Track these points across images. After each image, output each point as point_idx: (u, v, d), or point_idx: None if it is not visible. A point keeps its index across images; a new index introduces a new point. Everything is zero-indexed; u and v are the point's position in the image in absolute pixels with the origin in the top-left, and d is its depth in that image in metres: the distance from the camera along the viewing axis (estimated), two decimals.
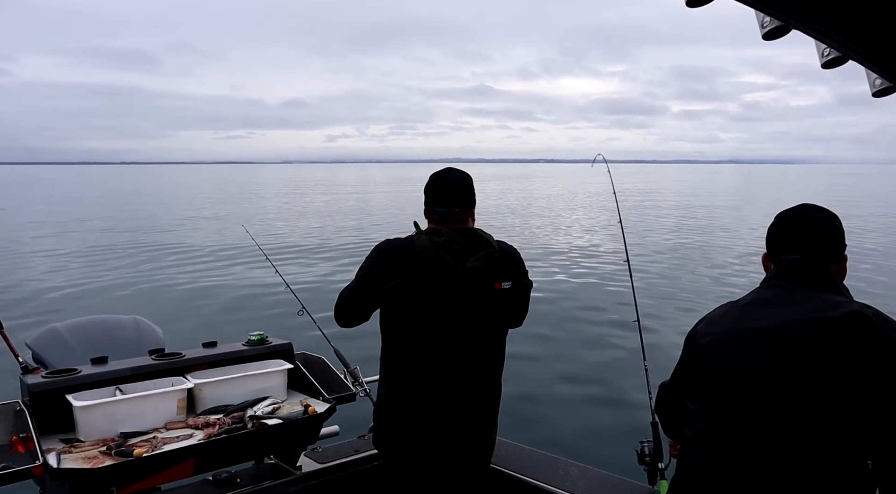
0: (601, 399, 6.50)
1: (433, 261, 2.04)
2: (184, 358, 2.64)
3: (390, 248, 2.11)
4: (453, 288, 2.06)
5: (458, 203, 2.16)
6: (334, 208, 33.00)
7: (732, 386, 1.55)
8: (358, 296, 2.14)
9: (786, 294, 1.59)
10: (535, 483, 2.64)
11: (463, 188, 2.18)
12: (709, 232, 21.71)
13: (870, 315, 1.45)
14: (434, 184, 2.19)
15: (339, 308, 2.21)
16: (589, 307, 10.50)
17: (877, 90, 1.30)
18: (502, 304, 2.16)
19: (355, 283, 2.15)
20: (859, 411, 1.43)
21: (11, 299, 11.53)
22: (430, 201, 2.18)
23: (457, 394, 2.11)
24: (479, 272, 2.08)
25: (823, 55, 1.23)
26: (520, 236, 19.86)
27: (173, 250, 18.26)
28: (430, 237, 2.08)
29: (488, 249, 2.12)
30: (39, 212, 32.70)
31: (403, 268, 2.05)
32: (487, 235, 2.17)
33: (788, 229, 1.66)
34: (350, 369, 3.04)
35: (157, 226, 24.09)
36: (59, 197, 47.45)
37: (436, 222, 2.18)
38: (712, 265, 14.45)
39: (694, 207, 33.66)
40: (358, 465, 2.87)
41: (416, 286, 2.05)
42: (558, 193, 48.57)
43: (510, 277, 2.16)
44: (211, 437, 2.29)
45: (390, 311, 2.12)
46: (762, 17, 1.16)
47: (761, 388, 1.50)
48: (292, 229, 22.78)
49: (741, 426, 1.52)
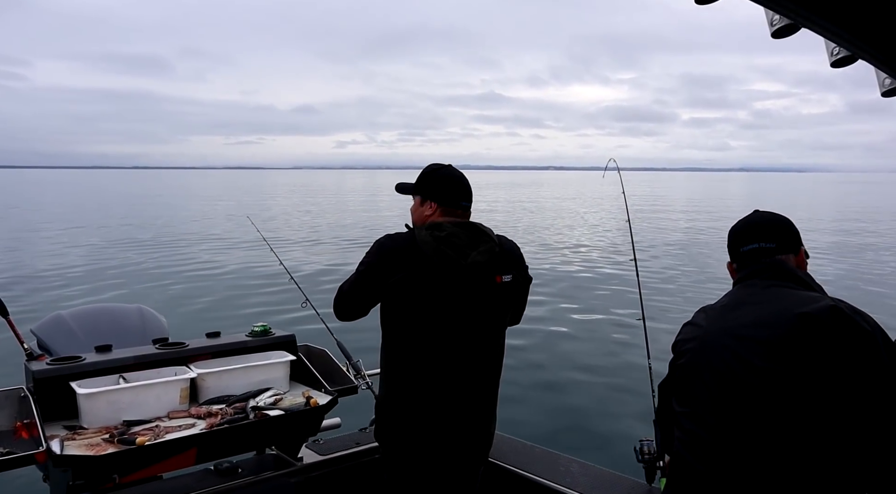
0: (605, 395, 6.50)
1: (435, 255, 2.04)
2: (187, 348, 2.64)
3: (391, 243, 2.10)
4: (456, 283, 2.06)
5: (470, 198, 2.23)
6: (343, 209, 33.08)
7: (717, 385, 1.58)
8: (358, 291, 2.14)
9: (759, 292, 1.64)
10: (535, 479, 2.64)
11: (468, 184, 2.25)
12: (719, 235, 21.64)
13: (844, 309, 1.49)
14: (447, 180, 2.21)
15: (338, 302, 2.21)
16: (592, 307, 10.49)
17: (886, 90, 1.29)
18: (503, 298, 2.17)
19: (356, 277, 2.15)
20: (842, 402, 1.46)
21: (19, 288, 11.61)
22: (448, 195, 2.19)
23: (458, 388, 2.11)
24: (481, 267, 2.09)
25: (833, 54, 1.23)
26: (529, 234, 19.85)
27: (179, 243, 18.33)
28: (431, 232, 2.08)
29: (489, 243, 2.13)
30: (51, 211, 32.91)
31: (405, 263, 2.05)
32: (487, 229, 2.18)
33: (742, 227, 1.78)
34: (352, 361, 3.04)
35: (163, 222, 24.20)
36: (69, 198, 47.76)
37: (433, 211, 2.19)
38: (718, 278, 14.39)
39: (708, 211, 33.44)
40: (359, 457, 2.88)
41: (418, 281, 2.04)
42: (571, 197, 48.35)
43: (511, 270, 2.17)
44: (213, 427, 2.30)
45: (392, 305, 2.12)
46: (772, 15, 1.16)
47: (745, 385, 1.53)
48: (300, 225, 22.83)
49: (729, 423, 1.54)
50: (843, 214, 31.00)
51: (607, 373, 7.18)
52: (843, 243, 20.25)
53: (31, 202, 42.27)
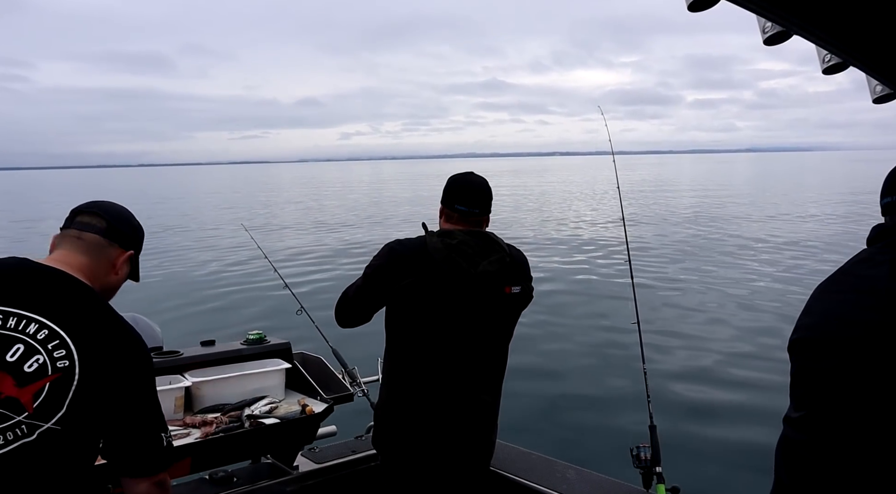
0: (599, 402, 6.50)
1: (445, 263, 2.03)
2: (182, 356, 2.64)
3: (401, 248, 2.08)
4: (464, 291, 2.05)
5: (478, 205, 2.17)
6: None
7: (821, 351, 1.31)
8: (365, 295, 2.12)
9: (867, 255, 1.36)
10: (532, 486, 2.64)
11: (485, 192, 2.20)
12: (726, 221, 21.64)
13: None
14: (457, 183, 2.20)
15: (342, 307, 2.19)
16: (590, 310, 10.50)
17: (877, 97, 1.30)
18: (511, 308, 2.17)
19: (363, 281, 2.13)
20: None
21: None
22: (451, 199, 2.18)
23: (460, 397, 2.11)
24: (491, 277, 2.08)
25: (824, 61, 1.24)
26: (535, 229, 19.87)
27: (173, 248, 18.27)
28: (442, 239, 2.07)
29: (500, 253, 2.12)
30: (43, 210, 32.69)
31: (414, 269, 2.03)
32: (499, 239, 2.17)
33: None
34: (348, 369, 3.04)
35: (160, 225, 24.13)
36: (67, 199, 47.52)
37: (454, 221, 2.17)
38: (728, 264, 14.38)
39: (717, 197, 33.31)
40: (355, 465, 2.87)
41: (426, 288, 2.03)
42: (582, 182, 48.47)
43: (520, 282, 2.16)
44: (208, 436, 2.29)
45: (399, 311, 2.10)
46: (763, 22, 1.17)
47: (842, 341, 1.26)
48: (297, 224, 22.79)
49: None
50: (857, 190, 31.30)
51: (602, 377, 7.18)
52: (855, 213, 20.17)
53: (30, 203, 42.06)
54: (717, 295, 11.25)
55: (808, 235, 19.01)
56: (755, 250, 16.19)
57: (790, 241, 17.62)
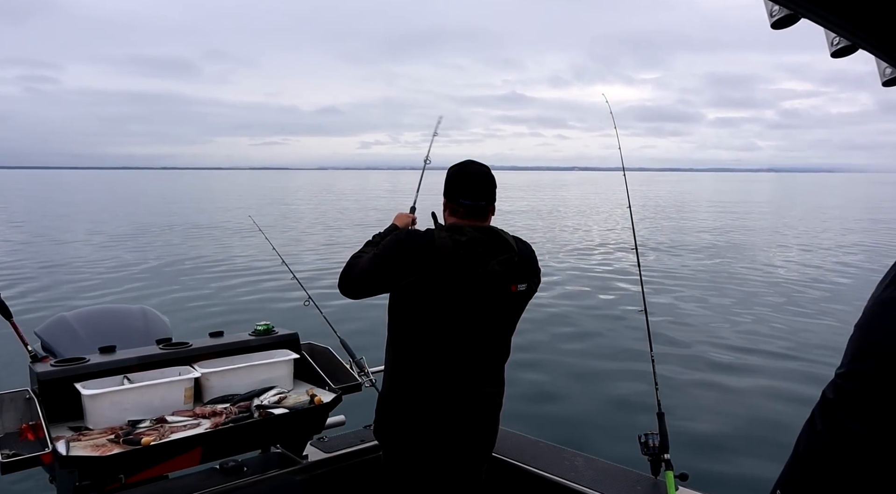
0: (608, 389, 6.51)
1: (452, 261, 1.99)
2: (191, 348, 2.65)
3: (410, 241, 2.04)
4: (471, 290, 2.02)
5: (484, 196, 2.11)
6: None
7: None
8: (369, 280, 2.10)
9: None
10: (539, 473, 2.65)
11: (489, 180, 2.13)
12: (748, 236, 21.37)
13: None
14: (459, 176, 2.13)
15: (347, 280, 2.15)
16: (598, 302, 10.49)
17: (887, 79, 1.29)
18: (516, 305, 2.15)
19: (369, 267, 2.09)
20: None
21: (24, 288, 11.63)
22: (455, 193, 2.12)
23: (463, 389, 2.10)
24: (499, 277, 2.04)
25: (833, 44, 1.22)
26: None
27: (182, 243, 18.34)
28: (451, 235, 2.03)
29: (509, 252, 2.08)
30: (64, 212, 32.88)
31: (422, 265, 1.99)
32: (507, 234, 2.13)
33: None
34: (356, 359, 3.04)
35: (171, 223, 24.23)
36: (81, 200, 47.69)
37: (460, 215, 2.12)
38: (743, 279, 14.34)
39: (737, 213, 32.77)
40: (363, 455, 2.89)
41: (433, 285, 2.00)
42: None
43: (526, 279, 2.12)
44: (218, 426, 2.31)
45: (403, 306, 2.09)
46: (771, 5, 1.15)
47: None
48: (307, 218, 22.80)
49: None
50: (875, 211, 30.38)
51: (610, 366, 7.18)
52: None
53: (51, 203, 42.25)
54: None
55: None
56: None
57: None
